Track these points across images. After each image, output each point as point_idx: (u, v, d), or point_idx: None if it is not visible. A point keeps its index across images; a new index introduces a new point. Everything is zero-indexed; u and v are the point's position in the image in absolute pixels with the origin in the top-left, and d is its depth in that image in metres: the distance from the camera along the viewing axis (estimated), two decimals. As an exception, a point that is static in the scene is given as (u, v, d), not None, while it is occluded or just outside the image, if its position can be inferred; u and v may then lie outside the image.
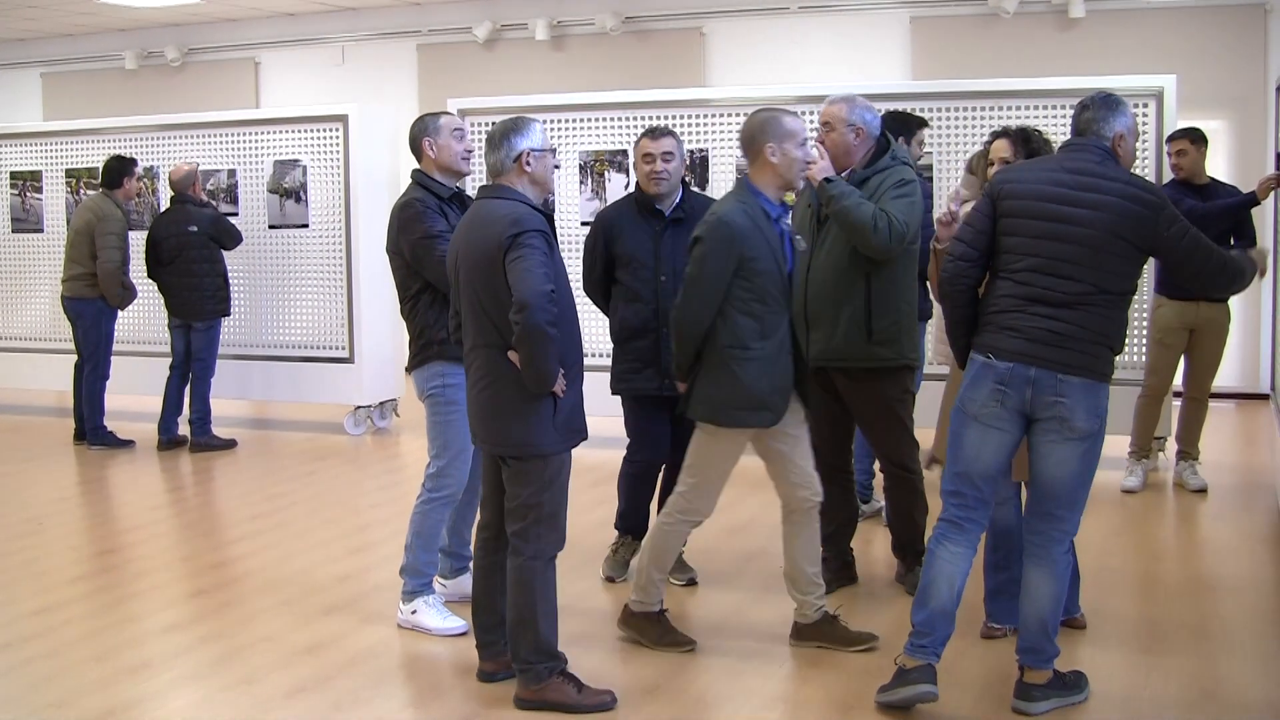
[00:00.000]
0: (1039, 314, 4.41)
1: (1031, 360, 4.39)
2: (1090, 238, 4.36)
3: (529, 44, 13.47)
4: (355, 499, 8.42)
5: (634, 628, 5.33)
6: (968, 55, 11.77)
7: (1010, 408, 4.45)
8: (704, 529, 6.97)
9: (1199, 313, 7.66)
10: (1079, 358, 4.37)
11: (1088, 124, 4.56)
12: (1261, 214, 8.06)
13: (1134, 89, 8.23)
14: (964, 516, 4.58)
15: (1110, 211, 4.36)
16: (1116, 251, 4.37)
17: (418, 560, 5.55)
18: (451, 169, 5.53)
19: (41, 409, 11.83)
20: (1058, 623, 4.60)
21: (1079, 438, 4.42)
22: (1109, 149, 4.52)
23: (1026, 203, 4.49)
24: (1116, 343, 4.46)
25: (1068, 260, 4.38)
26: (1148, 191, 4.46)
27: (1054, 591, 4.56)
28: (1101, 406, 4.43)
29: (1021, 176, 4.60)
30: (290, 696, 4.87)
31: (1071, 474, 4.47)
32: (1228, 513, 7.41)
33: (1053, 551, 4.55)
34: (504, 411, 4.59)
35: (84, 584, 6.39)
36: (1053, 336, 4.38)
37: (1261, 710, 4.63)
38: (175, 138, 10.93)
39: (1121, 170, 4.51)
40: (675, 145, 5.89)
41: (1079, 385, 4.37)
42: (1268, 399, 9.79)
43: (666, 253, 5.87)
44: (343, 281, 10.24)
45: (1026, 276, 4.45)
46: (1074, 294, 4.38)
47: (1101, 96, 4.61)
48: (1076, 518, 4.57)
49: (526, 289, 4.37)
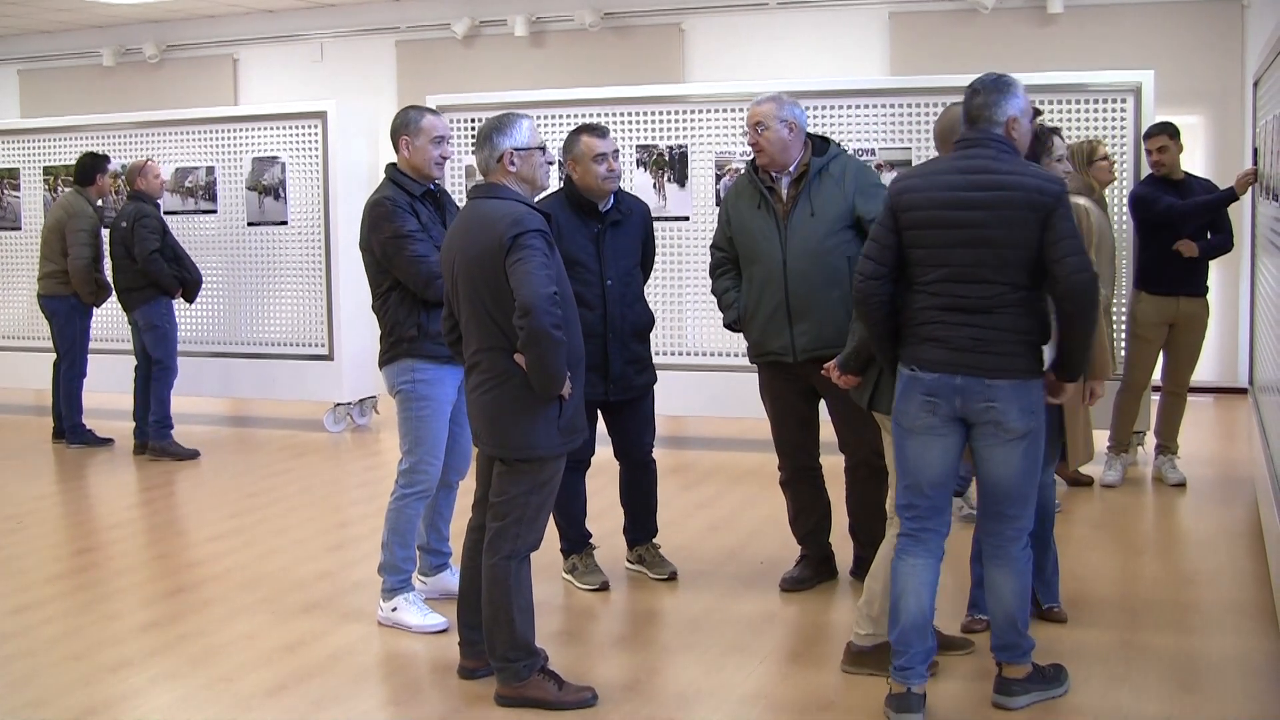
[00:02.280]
0: (957, 322, 4.32)
1: (956, 369, 4.32)
2: (992, 239, 4.26)
3: (508, 40, 13.45)
4: (335, 496, 8.41)
5: (869, 665, 4.82)
6: (946, 50, 11.79)
7: (943, 416, 4.38)
8: (683, 525, 7.01)
9: (1178, 307, 7.68)
10: (1003, 360, 4.29)
11: (979, 110, 4.42)
12: (1239, 209, 8.09)
13: (1112, 84, 8.25)
14: (920, 528, 4.49)
15: (1006, 208, 4.25)
16: (1020, 246, 4.25)
17: (395, 557, 5.54)
18: (423, 172, 5.51)
19: (20, 407, 11.78)
20: (1027, 616, 4.58)
21: (1017, 437, 4.34)
22: (1003, 138, 4.38)
23: (926, 213, 4.36)
24: (1040, 335, 4.37)
25: (976, 265, 4.28)
26: (1049, 181, 4.31)
27: (1017, 588, 4.52)
28: (1035, 402, 4.36)
29: (917, 185, 4.45)
30: (270, 694, 4.85)
31: (1016, 473, 4.40)
32: (1206, 506, 7.44)
33: (1010, 550, 4.50)
34: (507, 414, 4.56)
35: (62, 582, 6.35)
36: (974, 343, 4.30)
37: (1240, 701, 4.65)
38: (153, 135, 10.87)
39: (1018, 161, 4.37)
40: (614, 142, 5.87)
41: (1008, 387, 4.29)
42: (1246, 393, 9.82)
43: (609, 255, 5.83)
44: (322, 278, 10.21)
45: (939, 287, 4.35)
46: (989, 298, 4.29)
47: (991, 79, 4.46)
48: (1029, 513, 4.49)
49: (529, 292, 4.34)
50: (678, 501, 7.41)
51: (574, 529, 6.13)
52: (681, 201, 9.12)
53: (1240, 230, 8.60)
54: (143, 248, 8.94)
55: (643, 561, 6.24)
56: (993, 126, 4.39)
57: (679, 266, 9.11)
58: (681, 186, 9.12)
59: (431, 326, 5.39)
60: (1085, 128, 8.17)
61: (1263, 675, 4.87)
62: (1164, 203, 7.48)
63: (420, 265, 5.31)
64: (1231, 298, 10.86)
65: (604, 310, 5.80)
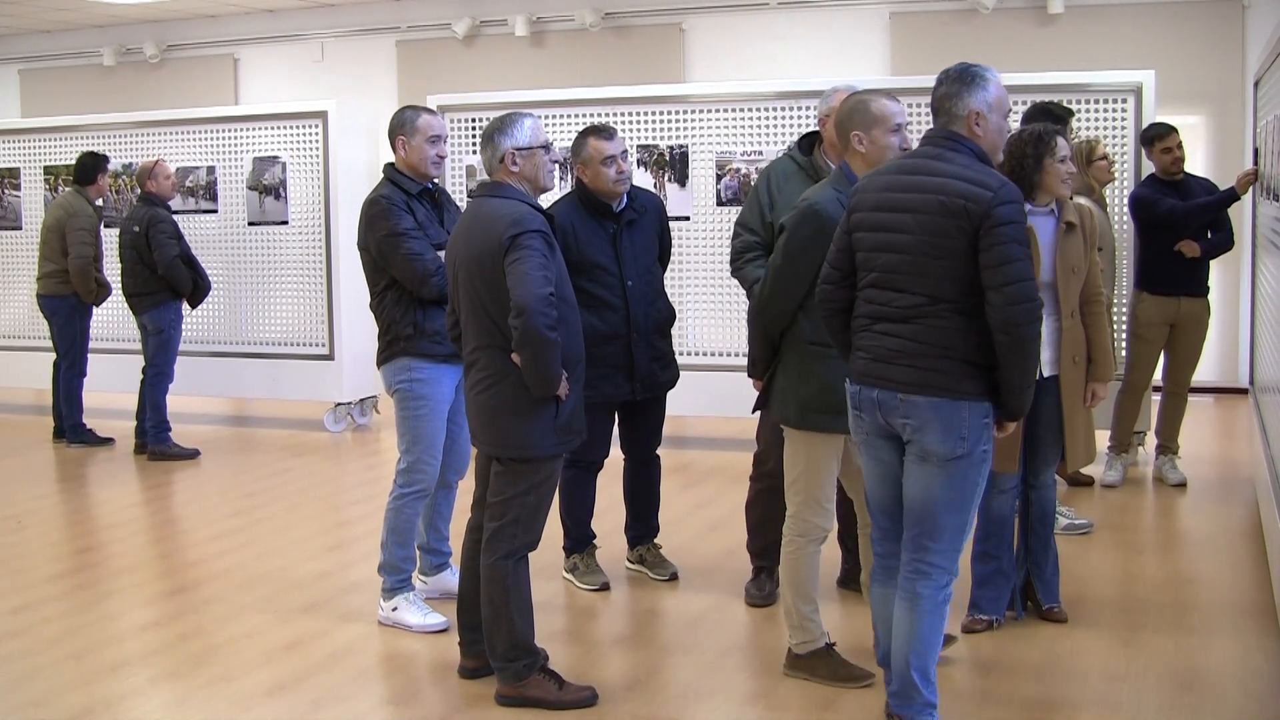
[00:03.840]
0: (880, 331, 4.06)
1: (873, 381, 4.07)
2: (911, 244, 3.97)
3: (508, 40, 13.45)
4: (335, 496, 8.41)
5: (803, 669, 4.84)
6: (947, 50, 11.63)
7: (871, 431, 4.14)
8: (683, 525, 7.01)
9: (1179, 308, 7.67)
10: (919, 374, 3.97)
11: (941, 101, 4.11)
12: (1239, 209, 8.08)
13: (1113, 84, 8.25)
14: (884, 552, 4.28)
15: (925, 213, 3.95)
16: (943, 255, 3.93)
17: (394, 557, 5.54)
18: (419, 171, 5.52)
19: (20, 407, 11.79)
20: (930, 669, 4.16)
21: (936, 461, 3.99)
22: (958, 135, 4.06)
23: (865, 214, 4.12)
24: (971, 354, 3.96)
25: (896, 272, 4.01)
26: (983, 188, 3.90)
27: (918, 631, 4.09)
28: (962, 427, 3.96)
29: (866, 185, 4.19)
30: (269, 694, 4.85)
31: (932, 499, 4.03)
32: (1207, 507, 7.44)
33: (916, 586, 4.09)
34: (503, 413, 4.55)
35: (62, 582, 6.35)
36: (889, 354, 4.02)
37: (1239, 701, 4.65)
38: (154, 134, 10.88)
39: (963, 162, 4.00)
40: (623, 143, 5.85)
41: (925, 404, 3.96)
42: (1246, 393, 9.82)
43: (628, 255, 5.82)
44: (322, 278, 10.21)
45: (868, 294, 4.11)
46: (907, 307, 3.99)
47: (958, 69, 4.13)
48: (948, 553, 4.07)
49: (524, 293, 4.34)
50: (678, 501, 7.40)
51: (579, 529, 6.13)
52: (682, 201, 9.11)
53: (1241, 230, 8.60)
54: (164, 254, 8.95)
55: (643, 561, 6.24)
56: (952, 120, 4.09)
57: (680, 267, 9.10)
58: (682, 186, 9.12)
59: (428, 325, 5.40)
60: (1086, 128, 8.16)
61: (1263, 675, 4.87)
62: (1165, 204, 7.48)
63: (416, 263, 5.31)
64: (1232, 298, 10.86)
65: (626, 311, 5.78)
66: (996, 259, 3.86)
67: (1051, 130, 5.21)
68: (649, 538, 6.28)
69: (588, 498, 6.11)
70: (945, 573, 4.09)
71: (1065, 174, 5.14)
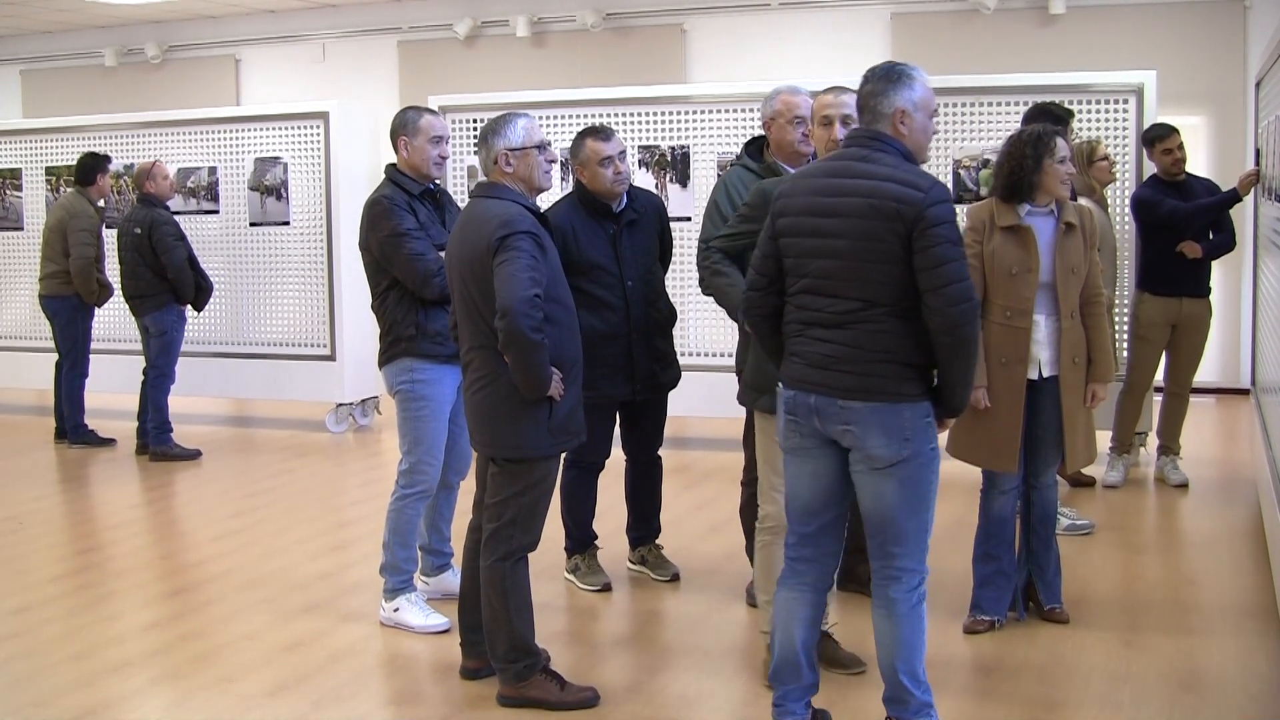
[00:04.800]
0: (814, 337, 3.99)
1: (810, 387, 3.99)
2: (842, 249, 3.89)
3: (510, 41, 13.45)
4: (336, 496, 8.41)
5: None
6: (948, 51, 11.79)
7: (807, 435, 4.05)
8: (684, 525, 7.01)
9: (1181, 308, 7.67)
10: (857, 380, 3.90)
11: (866, 100, 4.00)
12: (1240, 209, 8.08)
13: (1114, 85, 8.25)
14: (797, 556, 4.20)
15: (856, 216, 3.87)
16: (877, 259, 3.85)
17: (396, 558, 5.54)
18: (421, 172, 5.52)
19: (22, 407, 11.79)
20: (919, 670, 4.11)
21: (884, 467, 3.92)
22: (883, 134, 3.97)
23: (791, 219, 4.04)
24: (910, 357, 3.91)
25: (829, 277, 3.93)
26: (914, 189, 3.83)
27: (898, 636, 4.06)
28: (905, 429, 3.91)
29: (792, 189, 4.10)
30: (270, 695, 4.85)
31: (889, 506, 3.97)
32: (1208, 507, 7.43)
33: (889, 592, 4.04)
34: (497, 413, 4.56)
35: (64, 582, 6.35)
36: (825, 360, 3.95)
37: (1241, 702, 4.64)
38: (155, 135, 10.89)
39: (890, 162, 3.91)
40: (621, 143, 5.84)
41: (865, 409, 3.90)
42: (1248, 394, 9.82)
43: (628, 256, 5.82)
44: (324, 279, 10.21)
45: (801, 299, 4.04)
46: (841, 313, 3.92)
47: (884, 68, 4.01)
48: (914, 555, 4.03)
49: (508, 294, 4.34)
50: (678, 502, 7.41)
51: (580, 530, 6.13)
52: (684, 202, 9.12)
53: (1242, 231, 8.59)
54: (174, 257, 8.97)
55: (645, 562, 6.24)
56: (877, 119, 3.98)
57: (681, 267, 9.08)
58: (684, 187, 9.12)
59: (430, 325, 5.40)
60: (1087, 128, 8.16)
61: (1263, 676, 4.87)
62: (1167, 205, 7.48)
63: (418, 263, 5.31)
64: (1233, 298, 10.85)
65: (626, 311, 5.79)
66: (932, 261, 3.80)
67: (1051, 131, 5.19)
68: (650, 539, 6.29)
69: (589, 498, 6.11)
70: (915, 574, 4.05)
71: (1065, 175, 5.13)
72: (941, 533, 6.72)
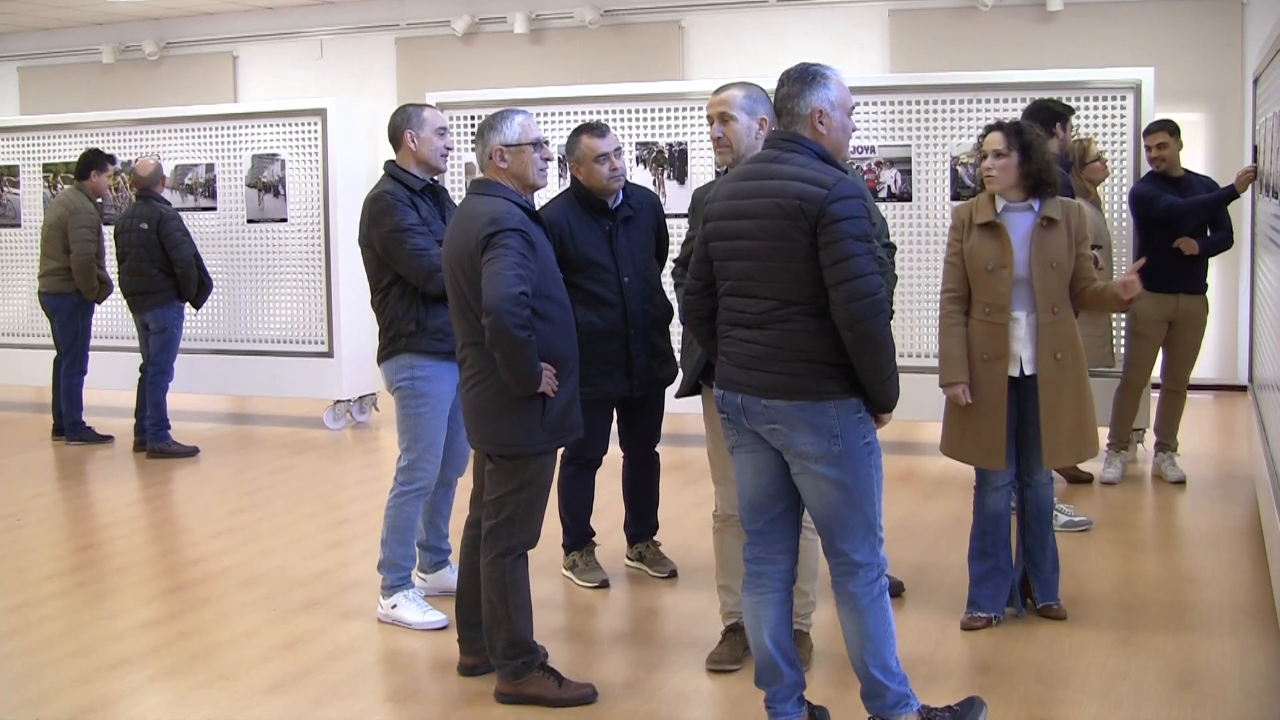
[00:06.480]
0: (738, 338, 4.04)
1: (736, 387, 4.04)
2: (756, 250, 3.94)
3: (507, 37, 13.44)
4: (334, 494, 8.41)
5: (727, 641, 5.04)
6: (946, 48, 11.79)
7: (743, 432, 4.10)
8: (682, 522, 7.01)
9: (1178, 305, 7.68)
10: (779, 380, 3.93)
11: (783, 103, 4.02)
12: (1238, 206, 8.09)
13: (1112, 82, 8.25)
14: (751, 557, 4.22)
15: (764, 216, 3.91)
16: (787, 258, 3.88)
17: (394, 555, 5.54)
18: (430, 164, 5.52)
19: (20, 405, 11.79)
20: (890, 662, 4.12)
21: (817, 464, 3.95)
22: (798, 135, 3.98)
23: (715, 223, 4.10)
24: (829, 355, 3.90)
25: (747, 278, 3.98)
26: (818, 186, 3.84)
27: (864, 630, 4.08)
28: (832, 426, 3.92)
29: (716, 193, 4.15)
30: (269, 692, 4.85)
31: (830, 503, 3.99)
32: (1206, 504, 7.44)
33: (848, 587, 4.07)
34: (492, 409, 4.56)
35: (62, 580, 6.36)
36: (748, 360, 4.00)
37: (1238, 700, 4.65)
38: (153, 132, 10.88)
39: (801, 162, 3.93)
40: (616, 139, 5.84)
41: (788, 408, 3.93)
42: (1245, 390, 9.83)
43: (624, 252, 5.82)
44: (321, 276, 10.21)
45: (726, 301, 4.09)
46: (760, 313, 3.96)
47: (799, 69, 4.02)
48: (865, 548, 4.04)
49: (492, 292, 4.34)
50: (677, 499, 7.41)
51: (578, 526, 6.14)
52: (681, 199, 9.10)
53: (1240, 228, 8.59)
54: (181, 253, 9.03)
55: (643, 559, 6.25)
56: (795, 121, 4.00)
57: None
58: (681, 184, 9.12)
59: (430, 322, 5.40)
60: (1085, 125, 8.16)
61: (1262, 674, 4.87)
62: (1164, 201, 7.48)
63: (421, 259, 5.31)
64: (1231, 295, 10.86)
65: (623, 307, 5.79)
66: (833, 256, 3.82)
67: (1034, 129, 5.21)
68: (648, 535, 6.30)
69: (587, 495, 6.12)
70: (872, 567, 4.07)
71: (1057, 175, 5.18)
72: (938, 530, 6.79)
